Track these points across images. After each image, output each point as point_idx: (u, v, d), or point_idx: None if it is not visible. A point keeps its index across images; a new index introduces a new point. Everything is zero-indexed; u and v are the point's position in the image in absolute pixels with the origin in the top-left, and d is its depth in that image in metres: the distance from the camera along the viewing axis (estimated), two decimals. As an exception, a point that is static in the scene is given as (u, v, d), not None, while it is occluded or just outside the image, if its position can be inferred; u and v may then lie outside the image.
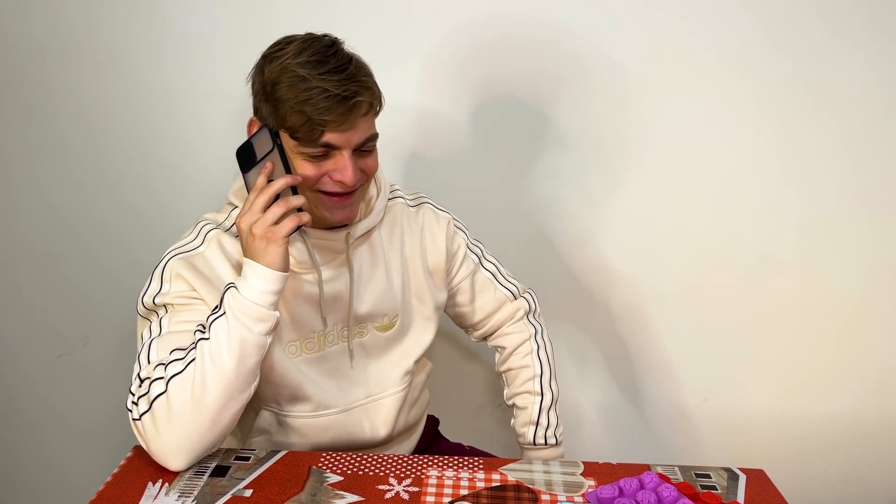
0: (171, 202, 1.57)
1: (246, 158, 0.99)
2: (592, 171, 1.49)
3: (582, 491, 0.94)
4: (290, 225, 0.93)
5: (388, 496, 0.92)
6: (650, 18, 1.39)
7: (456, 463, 1.00)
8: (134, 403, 0.95)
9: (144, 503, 0.89)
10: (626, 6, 1.38)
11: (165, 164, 1.54)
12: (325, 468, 0.98)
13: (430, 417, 1.37)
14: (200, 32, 1.45)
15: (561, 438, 1.21)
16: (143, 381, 0.95)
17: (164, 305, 1.00)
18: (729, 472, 1.00)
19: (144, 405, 0.94)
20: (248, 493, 0.92)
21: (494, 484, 0.96)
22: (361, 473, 0.97)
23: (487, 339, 1.31)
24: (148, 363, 0.96)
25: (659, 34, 1.39)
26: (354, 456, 1.01)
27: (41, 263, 1.63)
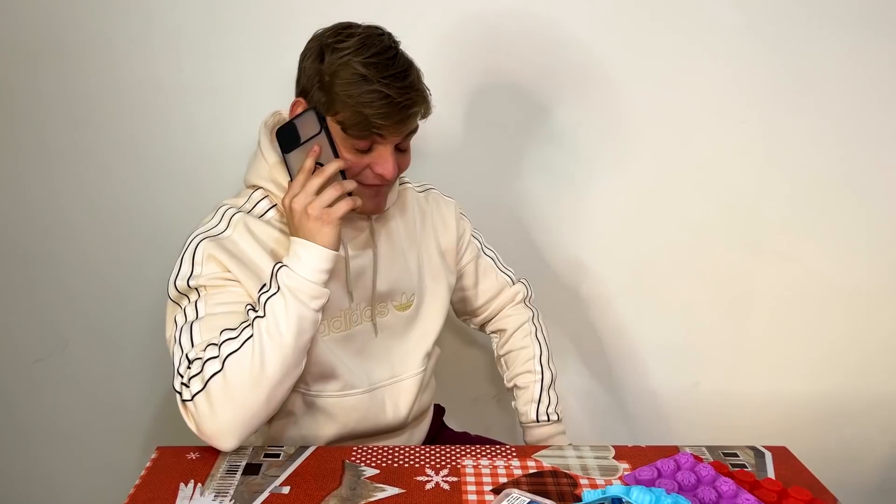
0: (155, 199, 1.53)
1: (288, 139, 0.99)
2: (580, 161, 1.51)
3: (618, 474, 0.96)
4: (345, 207, 0.96)
5: (428, 487, 0.92)
6: (634, 10, 1.41)
7: (488, 451, 1.00)
8: (184, 384, 0.94)
9: (180, 505, 0.87)
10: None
11: (150, 160, 1.50)
12: (358, 462, 0.97)
13: (436, 406, 1.37)
14: (187, 26, 1.42)
15: (562, 415, 1.23)
16: (192, 361, 0.95)
17: (197, 288, 1.00)
18: (755, 450, 1.02)
19: (198, 384, 0.93)
20: (285, 489, 0.90)
21: (532, 471, 0.96)
22: (396, 466, 0.96)
23: (487, 324, 1.34)
24: (192, 345, 0.96)
25: (643, 25, 1.42)
26: (385, 449, 1.01)
27: (16, 263, 1.56)
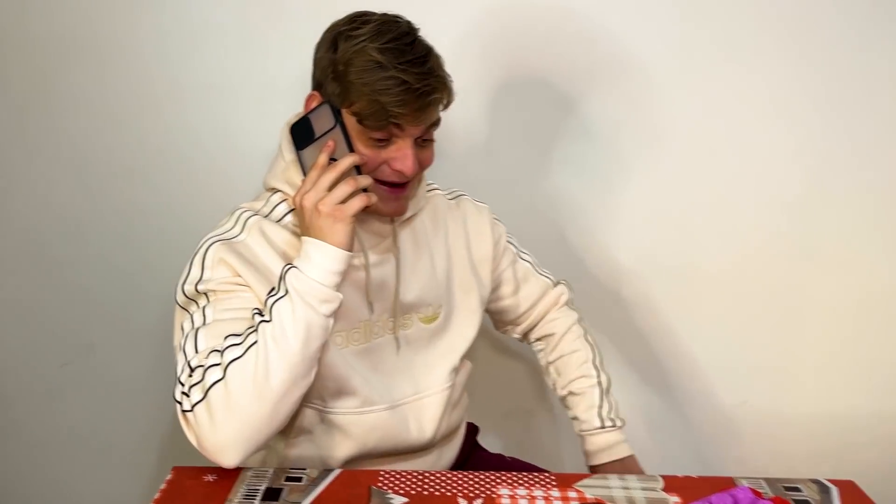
0: (180, 201, 1.49)
1: (302, 135, 0.94)
2: (616, 160, 1.44)
3: (668, 509, 0.88)
4: (358, 204, 0.90)
5: (462, 519, 0.85)
6: (669, 8, 1.35)
7: (526, 480, 0.93)
8: (184, 394, 0.88)
9: (195, 533, 0.81)
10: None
11: (175, 160, 1.46)
12: (385, 488, 0.91)
13: (469, 425, 1.31)
14: (209, 21, 1.38)
15: (624, 422, 1.15)
16: (193, 369, 0.89)
17: (206, 293, 0.94)
18: (819, 484, 0.94)
19: (198, 394, 0.87)
20: (308, 517, 0.84)
21: (573, 503, 0.89)
22: (427, 493, 0.90)
23: (531, 332, 1.27)
24: (196, 352, 0.90)
25: (684, 16, 1.36)
26: (415, 474, 0.94)
27: (42, 267, 1.54)
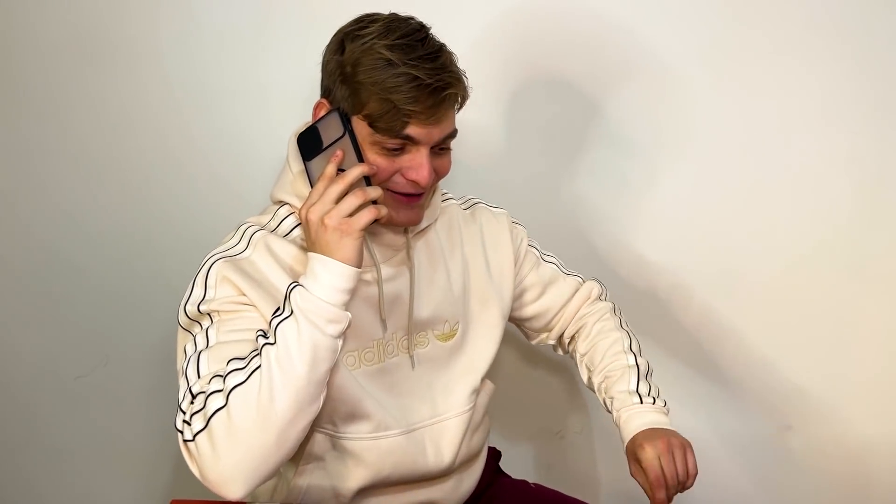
0: (201, 210, 1.46)
1: (310, 145, 0.90)
2: (643, 168, 1.39)
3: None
4: (367, 217, 0.85)
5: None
6: (700, 12, 1.31)
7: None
8: (185, 423, 0.83)
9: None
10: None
11: (195, 167, 1.44)
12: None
13: (491, 450, 1.25)
14: (233, 24, 1.35)
15: (668, 408, 1.06)
16: (195, 396, 0.84)
17: (209, 314, 0.90)
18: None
19: (200, 423, 0.82)
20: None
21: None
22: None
23: (564, 333, 1.20)
24: (198, 377, 0.85)
25: (710, 22, 1.32)
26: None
27: (56, 277, 1.52)
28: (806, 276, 1.41)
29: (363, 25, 0.91)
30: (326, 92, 0.94)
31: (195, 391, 0.84)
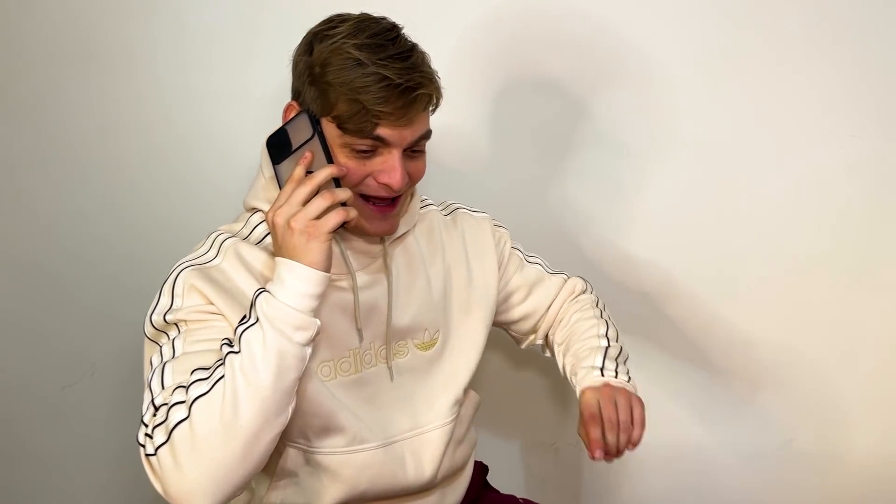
0: (190, 218, 1.44)
1: (279, 148, 0.89)
2: (645, 171, 1.38)
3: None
4: (335, 219, 0.83)
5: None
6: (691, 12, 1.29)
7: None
8: (148, 436, 0.81)
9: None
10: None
11: (184, 174, 1.43)
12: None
13: (477, 464, 1.22)
14: (221, 27, 1.35)
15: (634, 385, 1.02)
16: (158, 408, 0.82)
17: (176, 323, 0.88)
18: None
19: (162, 436, 0.79)
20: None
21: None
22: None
23: (550, 331, 1.17)
24: (162, 389, 0.83)
25: (699, 29, 1.31)
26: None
27: (41, 286, 1.50)
28: (804, 282, 1.39)
29: (333, 25, 0.89)
30: (296, 94, 0.93)
31: (158, 403, 0.82)
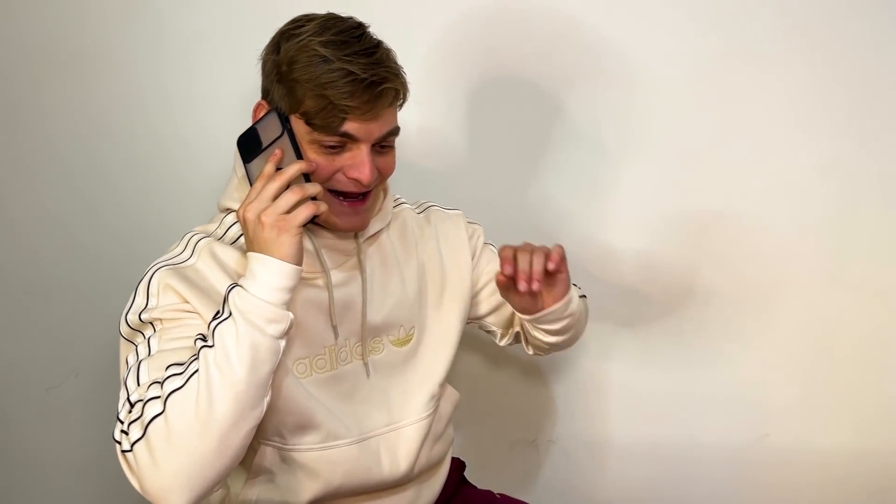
0: (174, 220, 1.43)
1: (250, 147, 0.90)
2: (623, 170, 1.38)
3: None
4: (305, 213, 0.83)
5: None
6: (669, 13, 1.29)
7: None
8: (123, 432, 0.81)
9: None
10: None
11: (165, 176, 1.44)
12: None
13: (455, 460, 1.23)
14: (200, 31, 1.35)
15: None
16: (133, 405, 0.82)
17: (151, 322, 0.88)
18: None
19: (137, 431, 0.80)
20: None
21: None
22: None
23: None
24: (137, 386, 0.83)
25: (678, 30, 1.30)
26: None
27: (26, 287, 1.51)
28: (779, 281, 1.38)
29: (299, 24, 0.90)
30: (265, 92, 0.94)
31: (133, 400, 0.82)
